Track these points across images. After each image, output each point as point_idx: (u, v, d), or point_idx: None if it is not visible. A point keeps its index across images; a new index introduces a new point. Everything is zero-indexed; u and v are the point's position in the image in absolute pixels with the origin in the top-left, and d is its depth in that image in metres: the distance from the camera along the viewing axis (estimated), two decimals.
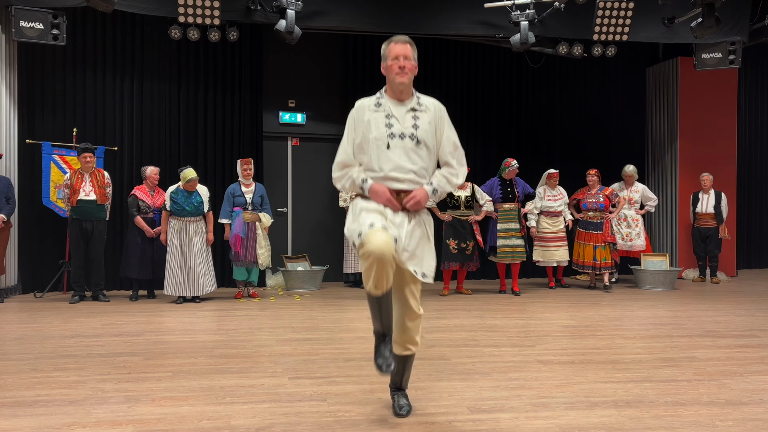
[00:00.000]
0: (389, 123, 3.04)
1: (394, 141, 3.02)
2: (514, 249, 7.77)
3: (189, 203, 7.02)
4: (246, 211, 7.35)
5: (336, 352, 4.65)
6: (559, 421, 3.13)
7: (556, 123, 10.04)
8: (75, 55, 8.17)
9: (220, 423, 3.10)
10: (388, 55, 3.09)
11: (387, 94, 3.13)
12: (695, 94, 9.85)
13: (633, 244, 8.76)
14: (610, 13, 7.83)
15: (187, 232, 7.05)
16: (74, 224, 7.15)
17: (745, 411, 3.31)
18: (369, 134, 3.04)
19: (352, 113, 3.15)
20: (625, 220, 8.82)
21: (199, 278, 7.08)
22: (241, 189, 7.44)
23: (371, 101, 3.13)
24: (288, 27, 7.26)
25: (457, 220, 7.60)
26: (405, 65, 3.05)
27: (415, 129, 3.05)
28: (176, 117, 8.60)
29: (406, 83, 3.07)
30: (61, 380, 3.87)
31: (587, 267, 8.20)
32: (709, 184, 9.26)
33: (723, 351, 4.72)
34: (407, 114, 3.07)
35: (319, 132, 9.22)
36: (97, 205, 7.19)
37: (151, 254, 7.33)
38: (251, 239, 7.35)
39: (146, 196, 7.36)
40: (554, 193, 8.45)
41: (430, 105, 3.15)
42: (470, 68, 9.68)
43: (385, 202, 3.00)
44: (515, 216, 7.85)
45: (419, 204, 3.01)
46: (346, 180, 3.11)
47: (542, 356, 4.52)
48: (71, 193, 7.09)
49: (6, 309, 6.72)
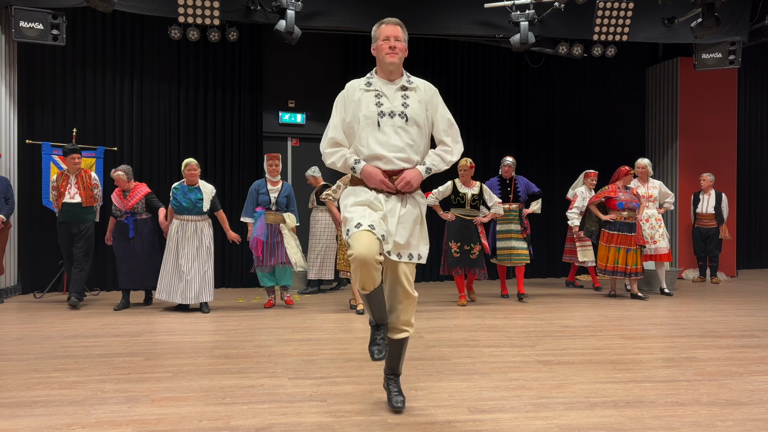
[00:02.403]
0: (379, 102, 3.04)
1: (384, 119, 3.01)
2: (512, 251, 7.35)
3: (186, 199, 6.47)
4: (269, 212, 6.71)
5: (336, 353, 4.64)
6: (559, 422, 3.13)
7: (556, 123, 10.04)
8: (75, 55, 8.18)
9: (219, 423, 3.10)
10: (378, 36, 3.10)
11: (377, 75, 3.14)
12: (695, 94, 9.85)
13: (658, 246, 7.88)
14: (609, 13, 7.84)
15: (185, 232, 6.47)
16: (61, 227, 6.85)
17: (745, 411, 3.31)
18: (359, 112, 3.04)
19: (341, 94, 3.15)
20: (648, 220, 7.95)
21: (193, 284, 6.43)
22: (266, 186, 6.78)
23: (361, 81, 3.14)
24: (288, 27, 7.26)
25: (461, 221, 6.88)
26: (396, 45, 3.05)
27: (404, 107, 3.04)
28: (176, 117, 8.60)
29: (397, 63, 3.06)
30: (61, 381, 3.87)
31: (618, 272, 7.41)
32: (710, 185, 9.26)
33: (723, 351, 4.72)
34: (397, 93, 3.07)
35: (319, 132, 9.08)
36: (83, 207, 6.81)
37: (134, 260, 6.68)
38: (274, 242, 6.69)
39: (119, 198, 6.72)
40: (591, 195, 8.09)
41: (420, 84, 3.14)
42: (470, 68, 9.68)
43: (378, 185, 2.99)
44: (515, 217, 7.43)
45: (410, 185, 3.01)
46: (338, 158, 3.08)
47: (542, 356, 4.52)
48: (57, 195, 6.80)
49: (6, 309, 6.71)
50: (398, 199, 3.05)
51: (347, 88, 3.15)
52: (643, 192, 8.04)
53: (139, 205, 6.70)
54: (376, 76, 3.14)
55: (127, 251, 6.68)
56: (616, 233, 7.45)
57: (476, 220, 6.92)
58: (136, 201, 6.67)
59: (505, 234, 7.44)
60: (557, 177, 9.87)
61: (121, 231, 6.71)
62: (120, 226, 6.72)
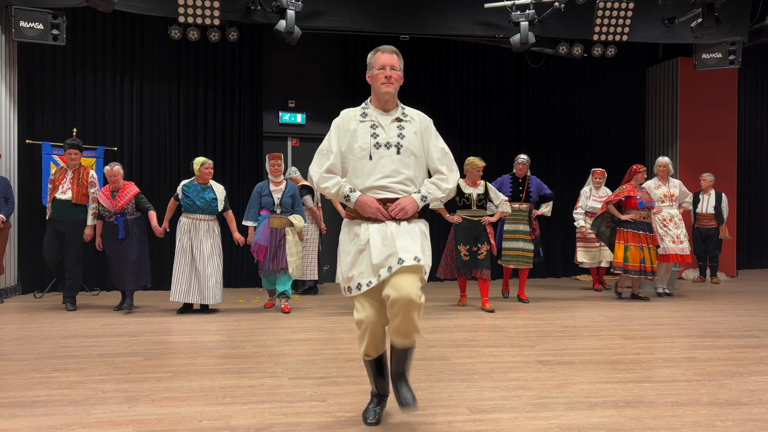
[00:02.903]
0: (375, 133, 3.00)
1: (379, 150, 2.98)
2: (520, 253, 7.13)
3: (201, 198, 6.32)
4: (274, 216, 6.50)
5: (336, 353, 4.64)
6: (559, 422, 3.13)
7: (556, 123, 10.04)
8: (75, 56, 8.18)
9: (219, 423, 3.10)
10: (374, 65, 3.05)
11: (372, 104, 3.10)
12: (695, 94, 9.85)
13: (684, 246, 7.66)
14: (609, 13, 7.84)
15: (197, 232, 6.31)
16: (50, 224, 6.57)
17: (745, 411, 3.31)
18: (354, 144, 3.00)
19: (336, 122, 3.10)
20: (672, 220, 7.75)
21: (210, 284, 6.31)
22: (269, 188, 6.60)
23: (356, 111, 3.09)
24: (288, 27, 7.26)
25: (469, 222, 6.63)
26: (392, 75, 3.01)
27: (401, 138, 3.01)
28: (176, 117, 8.60)
29: (392, 93, 3.03)
30: (61, 381, 3.87)
31: (634, 272, 7.18)
32: (710, 185, 9.25)
33: (723, 351, 4.72)
34: (392, 124, 3.04)
35: (319, 132, 9.21)
36: (72, 204, 6.50)
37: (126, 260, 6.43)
38: (276, 246, 6.50)
39: (107, 198, 6.44)
40: (600, 194, 8.05)
41: (415, 116, 3.12)
42: (470, 68, 9.68)
43: (373, 213, 2.93)
44: (525, 217, 7.18)
45: (405, 212, 2.94)
46: (333, 185, 3.01)
47: (542, 356, 4.52)
48: (51, 189, 6.59)
49: (6, 309, 6.71)
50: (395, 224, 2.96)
51: (342, 117, 3.09)
52: (665, 191, 7.85)
53: (129, 206, 6.47)
54: (371, 106, 3.10)
55: (118, 252, 6.44)
56: (637, 232, 7.21)
57: (484, 220, 6.66)
58: (126, 201, 6.43)
59: (513, 234, 7.21)
60: (557, 177, 9.86)
61: (110, 232, 6.47)
62: (109, 227, 6.47)
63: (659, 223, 7.75)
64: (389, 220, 2.95)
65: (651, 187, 7.80)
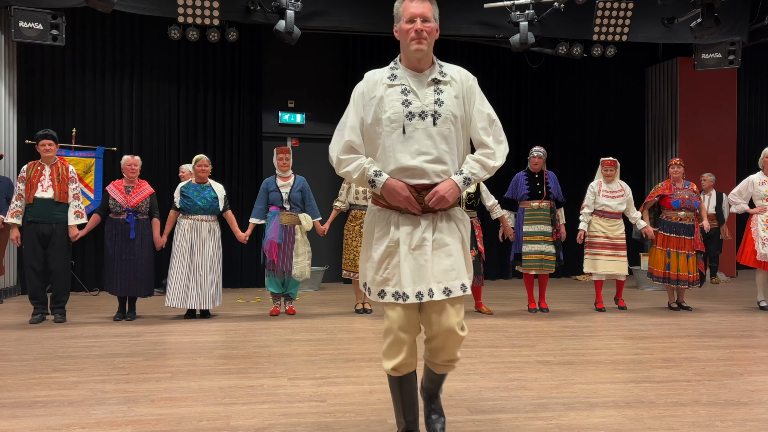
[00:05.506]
0: (407, 100, 2.46)
1: (413, 122, 2.44)
2: (542, 257, 6.32)
3: (201, 197, 6.05)
4: (283, 212, 6.21)
5: (336, 353, 4.64)
6: (559, 422, 3.12)
7: (556, 123, 10.04)
8: (74, 56, 8.18)
9: (219, 424, 3.09)
10: (402, 15, 2.47)
11: (402, 64, 2.54)
12: (695, 94, 9.85)
13: None
14: (609, 13, 7.84)
15: (199, 233, 6.02)
16: (29, 228, 5.79)
17: (745, 411, 3.31)
18: (382, 114, 2.46)
19: (359, 87, 2.56)
20: None
21: (211, 291, 6.04)
22: (276, 183, 6.32)
23: (384, 73, 2.54)
24: (287, 27, 7.26)
25: None
26: (423, 29, 2.42)
27: (438, 105, 2.46)
28: (176, 117, 8.60)
29: (425, 50, 2.45)
30: (60, 381, 3.87)
31: (670, 280, 6.53)
32: (710, 185, 9.25)
33: (723, 351, 4.72)
34: (428, 87, 2.49)
35: (319, 132, 9.22)
36: (55, 203, 5.80)
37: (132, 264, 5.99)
38: (289, 245, 6.21)
39: (120, 193, 6.00)
40: (612, 188, 6.63)
41: (455, 74, 2.55)
42: (470, 68, 9.53)
43: (402, 203, 2.44)
44: (546, 216, 6.37)
45: (444, 200, 2.42)
46: (355, 167, 2.49)
47: (542, 356, 4.52)
48: (27, 188, 5.78)
49: (6, 309, 6.71)
50: (429, 223, 2.48)
51: (367, 80, 2.54)
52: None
53: (143, 204, 6.06)
54: (401, 65, 2.54)
55: (124, 254, 5.97)
56: (668, 235, 6.56)
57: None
58: (141, 198, 6.04)
59: (535, 236, 6.35)
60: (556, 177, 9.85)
61: (118, 230, 5.98)
62: (118, 225, 5.98)
63: (761, 225, 6.74)
64: (423, 214, 2.48)
65: (755, 182, 6.83)
